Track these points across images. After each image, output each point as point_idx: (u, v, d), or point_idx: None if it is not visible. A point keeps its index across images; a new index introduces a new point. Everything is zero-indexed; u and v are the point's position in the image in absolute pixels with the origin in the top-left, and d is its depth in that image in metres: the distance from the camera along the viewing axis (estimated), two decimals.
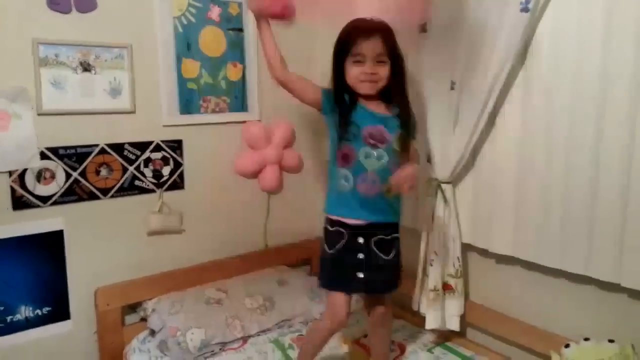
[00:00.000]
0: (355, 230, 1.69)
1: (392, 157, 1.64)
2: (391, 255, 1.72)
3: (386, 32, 1.62)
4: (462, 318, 2.06)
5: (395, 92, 1.67)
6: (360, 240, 1.69)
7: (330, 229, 1.73)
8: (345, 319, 1.73)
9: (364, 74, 1.60)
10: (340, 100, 1.66)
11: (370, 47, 1.58)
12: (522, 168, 1.80)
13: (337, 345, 2.07)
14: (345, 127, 1.64)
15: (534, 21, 1.67)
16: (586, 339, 1.63)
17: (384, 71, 1.61)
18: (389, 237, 1.72)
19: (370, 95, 1.65)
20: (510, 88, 1.80)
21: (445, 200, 1.98)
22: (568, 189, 1.67)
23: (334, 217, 1.72)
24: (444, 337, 2.13)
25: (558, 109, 1.66)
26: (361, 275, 1.69)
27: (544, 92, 1.70)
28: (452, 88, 1.87)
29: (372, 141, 1.62)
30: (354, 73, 1.61)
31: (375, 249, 1.69)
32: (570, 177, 1.66)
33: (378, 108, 1.67)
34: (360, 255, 1.69)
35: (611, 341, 1.59)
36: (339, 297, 1.71)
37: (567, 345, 1.65)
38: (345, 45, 1.62)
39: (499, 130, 1.87)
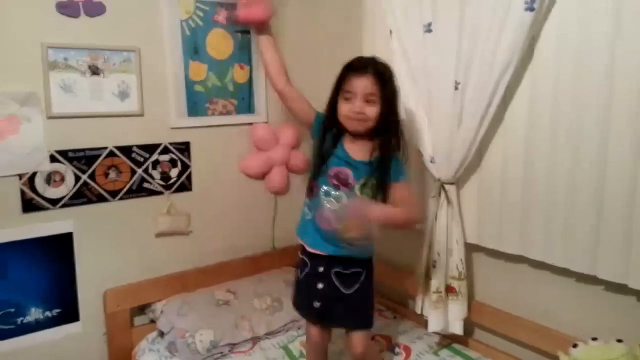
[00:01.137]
0: (316, 260, 1.70)
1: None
2: (352, 290, 1.69)
3: (379, 71, 1.59)
4: (469, 319, 2.06)
5: (381, 135, 1.63)
6: (321, 269, 1.69)
7: (300, 255, 1.78)
8: (319, 342, 1.80)
9: (352, 112, 1.59)
10: (326, 132, 1.67)
11: (360, 84, 1.57)
12: (528, 168, 1.79)
13: (342, 349, 2.07)
14: (318, 161, 1.66)
15: (539, 20, 1.67)
16: (594, 339, 1.63)
17: (372, 111, 1.58)
18: (348, 272, 1.68)
19: (359, 133, 1.63)
20: (516, 87, 1.80)
21: (449, 201, 1.98)
22: (575, 189, 1.66)
23: (300, 242, 1.76)
24: (450, 338, 2.13)
25: (564, 108, 1.66)
26: (317, 304, 1.70)
27: (550, 91, 1.70)
28: (456, 88, 1.87)
29: (335, 182, 1.63)
30: (343, 110, 1.61)
31: (334, 280, 1.68)
32: (577, 177, 1.65)
33: (358, 149, 1.65)
34: (320, 285, 1.69)
35: (619, 341, 1.59)
36: (309, 326, 1.79)
37: (575, 345, 1.64)
38: (339, 81, 1.63)
39: (504, 130, 1.87)
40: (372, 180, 1.63)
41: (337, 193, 1.63)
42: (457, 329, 2.03)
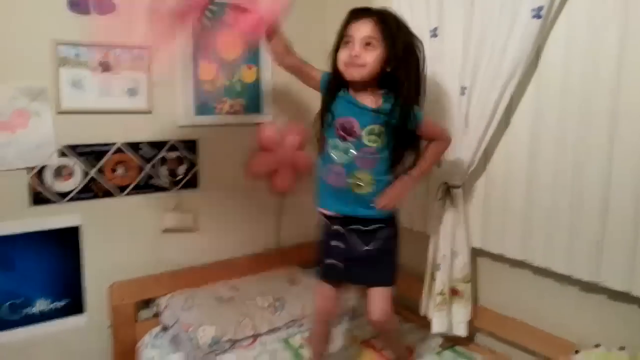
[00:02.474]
0: (334, 221, 1.67)
1: (362, 152, 1.57)
2: (371, 245, 1.65)
3: (381, 16, 1.51)
4: (471, 322, 2.05)
5: (387, 81, 1.56)
6: (340, 229, 1.66)
7: (321, 220, 1.73)
8: (328, 309, 1.75)
9: (349, 57, 1.51)
10: (330, 84, 1.61)
11: (358, 28, 1.50)
12: (533, 173, 1.79)
13: (346, 345, 2.08)
14: (323, 114, 1.61)
15: (546, 28, 1.67)
16: (596, 346, 1.62)
17: (370, 56, 1.49)
18: (367, 228, 1.64)
19: (361, 82, 1.55)
20: (523, 93, 1.80)
21: (454, 205, 1.97)
22: (579, 196, 1.66)
23: (319, 208, 1.71)
24: (453, 341, 2.12)
25: (570, 113, 1.66)
26: (340, 264, 1.67)
27: (556, 98, 1.69)
28: (462, 93, 1.87)
29: (341, 133, 1.57)
30: (342, 56, 1.53)
31: (354, 238, 1.65)
32: (581, 184, 1.65)
33: (364, 99, 1.57)
34: (340, 245, 1.66)
35: (622, 349, 1.58)
36: (323, 287, 1.74)
37: (577, 352, 1.64)
38: (341, 29, 1.56)
39: (510, 135, 1.87)
40: (378, 128, 1.56)
41: (344, 145, 1.57)
42: (461, 331, 2.02)
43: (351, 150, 1.57)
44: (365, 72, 1.52)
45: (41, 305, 2.00)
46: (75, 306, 2.08)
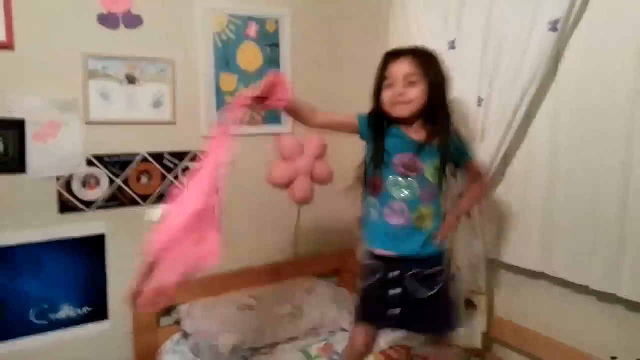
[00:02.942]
0: (388, 263, 1.63)
1: (425, 187, 1.60)
2: (435, 290, 1.62)
3: (418, 54, 1.58)
4: (489, 334, 2.06)
5: (432, 116, 1.59)
6: (394, 274, 1.62)
7: (366, 262, 1.70)
8: (363, 351, 1.77)
9: (394, 96, 1.56)
10: (376, 125, 1.62)
11: (398, 68, 1.56)
12: (551, 184, 1.80)
13: None
14: (377, 154, 1.61)
15: (563, 40, 1.69)
16: (613, 358, 1.62)
17: (414, 92, 1.55)
18: (429, 271, 1.63)
19: (409, 118, 1.59)
20: (540, 103, 1.82)
21: (471, 216, 1.99)
22: (598, 206, 1.66)
23: (369, 249, 1.68)
24: (469, 352, 2.13)
25: (588, 123, 1.67)
26: (396, 311, 1.63)
27: (574, 107, 1.71)
28: (479, 104, 1.90)
29: (402, 170, 1.59)
30: (386, 97, 1.58)
31: (412, 284, 1.61)
32: (600, 194, 1.65)
33: (417, 134, 1.60)
34: (394, 291, 1.62)
35: None
36: (361, 330, 1.74)
37: None
38: (380, 71, 1.62)
39: (528, 146, 1.88)
40: (437, 162, 1.60)
41: (407, 181, 1.59)
42: (476, 343, 2.03)
43: (415, 186, 1.59)
44: (413, 108, 1.57)
45: (67, 311, 2.06)
46: (99, 312, 2.13)
